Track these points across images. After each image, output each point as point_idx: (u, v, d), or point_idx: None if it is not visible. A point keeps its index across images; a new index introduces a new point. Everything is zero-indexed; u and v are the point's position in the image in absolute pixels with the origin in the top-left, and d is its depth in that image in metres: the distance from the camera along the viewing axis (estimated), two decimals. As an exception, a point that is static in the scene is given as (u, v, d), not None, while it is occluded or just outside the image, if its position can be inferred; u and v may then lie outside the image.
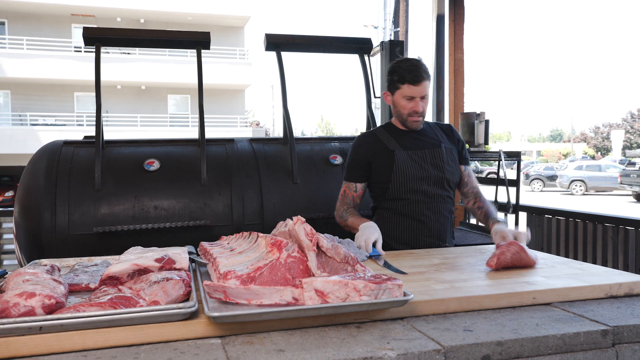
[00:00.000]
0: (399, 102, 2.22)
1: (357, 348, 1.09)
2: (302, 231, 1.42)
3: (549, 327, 1.22)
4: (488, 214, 2.21)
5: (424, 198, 2.24)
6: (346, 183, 2.35)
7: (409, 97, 2.18)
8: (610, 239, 3.28)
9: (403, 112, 2.23)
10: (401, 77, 2.17)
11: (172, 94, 21.34)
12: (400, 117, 2.26)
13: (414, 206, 2.24)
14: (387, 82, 2.27)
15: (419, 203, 2.24)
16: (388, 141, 2.27)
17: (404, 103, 2.20)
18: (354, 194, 2.32)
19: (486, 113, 3.96)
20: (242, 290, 1.24)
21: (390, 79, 2.23)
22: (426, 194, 2.24)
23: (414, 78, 2.14)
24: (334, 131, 53.44)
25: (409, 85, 2.16)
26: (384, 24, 11.15)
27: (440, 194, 2.26)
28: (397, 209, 2.27)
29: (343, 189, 2.35)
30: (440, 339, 1.14)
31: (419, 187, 2.22)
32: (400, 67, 2.18)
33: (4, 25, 19.63)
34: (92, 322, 1.10)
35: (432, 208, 2.26)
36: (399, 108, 2.24)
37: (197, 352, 1.08)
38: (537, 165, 29.95)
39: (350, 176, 2.34)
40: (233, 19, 21.07)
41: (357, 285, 1.22)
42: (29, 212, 2.63)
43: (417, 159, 2.23)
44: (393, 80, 2.21)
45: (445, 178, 2.25)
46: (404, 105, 2.21)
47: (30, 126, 19.26)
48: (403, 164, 2.21)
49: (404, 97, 2.19)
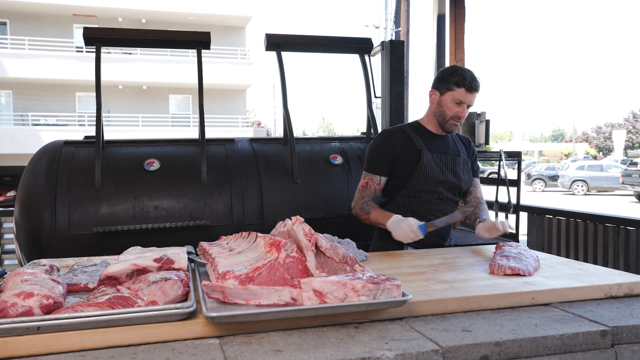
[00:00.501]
0: (447, 103, 2.25)
1: (355, 348, 1.09)
2: (300, 231, 1.42)
3: (547, 328, 1.22)
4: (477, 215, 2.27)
5: (438, 199, 2.31)
6: (369, 175, 2.32)
7: (459, 101, 2.22)
8: (611, 240, 3.27)
9: (448, 113, 2.25)
10: (461, 81, 2.19)
11: (173, 94, 21.35)
12: (442, 117, 2.28)
13: (426, 205, 2.30)
14: (439, 81, 2.28)
15: (432, 203, 2.30)
16: (416, 140, 2.31)
17: (452, 105, 2.24)
18: (376, 187, 2.31)
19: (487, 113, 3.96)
20: (241, 291, 1.24)
21: (446, 79, 2.24)
22: (441, 195, 2.31)
23: (473, 85, 2.20)
24: (335, 131, 53.42)
25: (465, 91, 2.20)
26: (385, 24, 11.14)
27: (451, 198, 2.35)
28: (410, 206, 2.31)
29: (365, 180, 2.32)
30: (439, 340, 1.14)
31: (436, 188, 2.29)
32: (460, 72, 2.22)
33: (6, 25, 19.65)
34: (90, 322, 1.10)
35: (442, 209, 2.33)
36: (444, 109, 2.26)
37: (195, 352, 1.08)
38: (538, 165, 29.91)
39: (375, 168, 2.31)
40: (234, 19, 21.07)
41: (356, 286, 1.22)
42: (29, 212, 2.63)
43: (439, 163, 2.29)
44: (449, 81, 2.22)
45: (459, 186, 2.34)
46: (450, 108, 2.24)
47: (32, 126, 19.28)
48: (428, 164, 2.26)
49: (455, 100, 2.22)
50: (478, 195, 2.42)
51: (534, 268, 1.62)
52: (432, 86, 2.34)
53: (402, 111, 3.73)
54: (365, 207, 2.25)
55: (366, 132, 3.38)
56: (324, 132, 50.55)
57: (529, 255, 1.70)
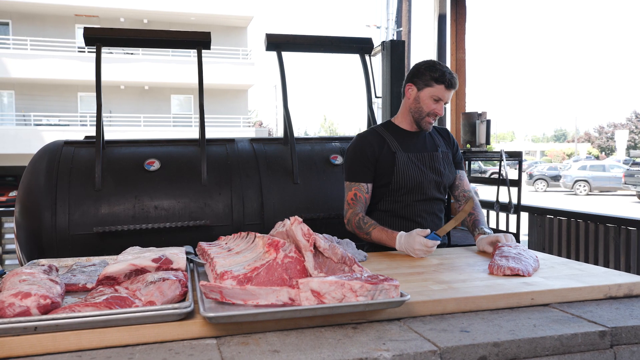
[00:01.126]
0: (424, 99, 2.17)
1: (352, 349, 1.09)
2: (299, 231, 1.42)
3: (546, 328, 1.21)
4: (477, 222, 2.18)
5: (422, 200, 2.24)
6: (355, 185, 2.20)
7: (437, 98, 2.15)
8: (612, 240, 3.27)
9: (424, 109, 2.18)
10: (440, 77, 2.12)
11: (175, 94, 21.38)
12: (419, 114, 2.20)
13: (411, 207, 2.24)
14: (416, 76, 2.19)
15: (416, 205, 2.24)
16: (390, 142, 2.24)
17: (429, 102, 2.17)
18: (365, 196, 2.20)
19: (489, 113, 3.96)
20: (238, 291, 1.24)
21: (424, 74, 2.16)
22: (425, 196, 2.24)
23: (452, 82, 2.14)
24: (337, 131, 53.43)
25: (445, 88, 2.14)
26: (387, 24, 11.12)
27: (436, 196, 2.28)
28: (395, 211, 2.25)
29: (352, 192, 2.20)
30: (437, 340, 1.14)
31: (418, 189, 2.21)
32: (439, 67, 2.15)
33: (8, 25, 19.70)
34: (87, 322, 1.10)
35: (427, 210, 2.27)
36: (422, 105, 2.18)
37: (192, 352, 1.08)
38: (540, 165, 29.87)
39: (358, 176, 2.21)
40: (236, 19, 21.09)
41: (354, 286, 1.22)
42: (30, 212, 2.64)
43: (417, 162, 2.22)
44: (428, 76, 2.15)
45: (443, 182, 2.26)
46: (428, 104, 2.17)
47: (34, 126, 19.32)
48: (404, 166, 2.19)
49: (432, 96, 2.15)
50: (466, 189, 2.33)
51: (533, 268, 1.62)
52: (408, 80, 2.24)
53: (403, 111, 3.72)
54: (363, 226, 2.13)
55: (367, 132, 3.38)
56: (326, 132, 50.58)
57: (528, 255, 1.70)
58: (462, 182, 2.35)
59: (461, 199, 2.33)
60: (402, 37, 10.39)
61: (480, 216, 2.22)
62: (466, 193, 2.33)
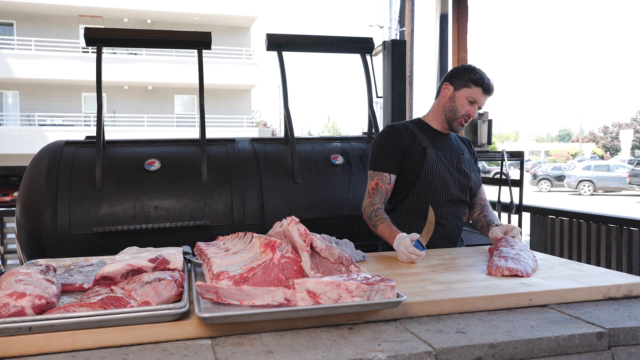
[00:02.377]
0: (460, 99, 2.16)
1: (347, 350, 1.08)
2: (295, 231, 1.41)
3: (543, 329, 1.21)
4: (490, 221, 2.19)
5: (448, 201, 2.20)
6: (378, 174, 2.15)
7: (473, 100, 2.15)
8: (614, 240, 3.25)
9: (460, 110, 2.17)
10: (479, 80, 2.14)
11: (178, 94, 21.41)
12: (453, 114, 2.19)
13: (437, 209, 2.12)
14: (455, 76, 2.19)
15: (443, 206, 2.19)
16: (420, 137, 2.21)
17: (465, 103, 2.16)
18: (387, 187, 2.15)
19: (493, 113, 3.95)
20: (234, 291, 1.24)
21: (464, 75, 2.16)
22: (451, 197, 2.20)
23: (489, 88, 2.15)
24: (341, 131, 53.39)
25: (482, 92, 2.14)
26: (390, 24, 11.10)
27: (461, 198, 2.24)
28: (420, 211, 2.19)
29: (374, 181, 2.15)
30: (432, 341, 1.13)
31: (444, 189, 2.18)
32: (479, 71, 2.17)
33: (13, 26, 19.77)
34: (81, 323, 1.10)
35: (453, 212, 2.23)
36: (457, 105, 2.17)
37: (186, 353, 1.08)
38: (544, 165, 29.77)
39: (383, 165, 2.15)
40: (239, 19, 21.10)
41: (349, 286, 1.21)
42: (30, 211, 2.64)
43: (445, 161, 2.20)
44: (467, 77, 2.15)
45: (469, 185, 2.25)
46: (463, 105, 2.16)
47: (38, 126, 19.38)
48: (433, 163, 2.16)
49: (469, 97, 2.15)
50: (482, 197, 2.34)
51: (532, 269, 1.61)
52: (446, 79, 2.25)
53: (404, 111, 3.72)
54: (374, 217, 2.09)
55: (367, 132, 3.38)
56: (329, 133, 50.56)
57: (527, 256, 1.69)
58: (479, 190, 2.34)
59: (477, 206, 2.31)
60: (405, 37, 10.36)
61: (491, 216, 2.23)
62: (482, 201, 2.32)
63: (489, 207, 2.29)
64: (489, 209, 2.28)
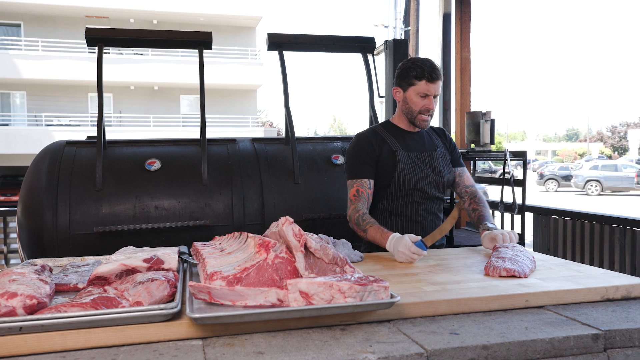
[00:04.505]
0: (411, 98, 2.19)
1: (338, 351, 1.08)
2: (290, 232, 1.41)
3: (538, 331, 1.19)
4: (481, 218, 2.16)
5: (422, 199, 2.24)
6: (357, 181, 2.20)
7: (423, 94, 2.16)
8: (618, 241, 3.22)
9: (415, 108, 2.19)
10: (420, 74, 2.14)
11: (184, 95, 21.47)
12: (411, 114, 2.22)
13: (412, 207, 2.23)
14: (399, 78, 2.22)
15: (417, 204, 2.24)
16: (390, 141, 2.24)
17: (417, 100, 2.17)
18: (368, 191, 2.19)
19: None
20: (227, 291, 1.23)
21: (405, 74, 2.19)
22: (424, 195, 2.23)
23: (432, 75, 2.14)
24: (347, 131, 53.34)
25: (427, 82, 2.14)
26: (395, 23, 11.08)
27: (436, 196, 2.27)
28: (395, 210, 2.25)
29: (355, 188, 2.19)
30: (424, 343, 1.12)
31: (419, 188, 2.21)
32: (417, 64, 2.16)
33: (20, 27, 19.90)
34: (72, 323, 1.09)
35: (428, 209, 2.26)
36: (410, 105, 2.20)
37: (177, 353, 1.07)
38: (551, 165, 29.61)
39: (360, 172, 2.20)
40: (245, 19, 21.13)
41: (342, 287, 1.21)
42: (31, 211, 2.65)
43: (417, 161, 2.22)
44: (408, 75, 2.17)
45: (442, 181, 2.26)
46: (416, 102, 2.18)
47: (46, 127, 19.49)
48: (404, 165, 2.19)
49: (419, 93, 2.16)
50: (466, 184, 2.31)
51: (530, 269, 1.59)
52: (395, 84, 2.27)
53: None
54: (361, 223, 2.10)
55: (369, 131, 3.36)
56: (335, 133, 50.52)
57: (524, 256, 1.67)
58: (462, 178, 2.33)
59: (464, 195, 2.31)
60: (410, 36, 10.32)
61: (485, 211, 2.20)
62: (468, 189, 2.31)
63: (479, 195, 2.25)
64: (478, 198, 2.24)
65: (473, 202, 2.25)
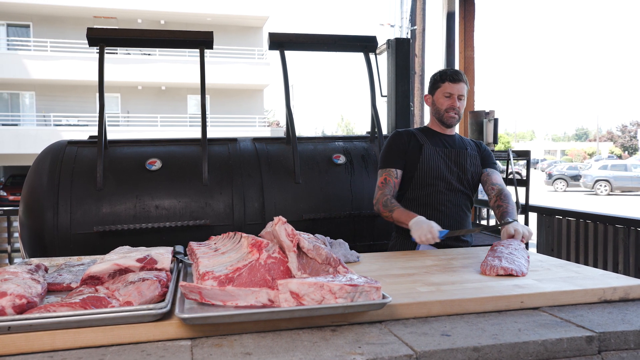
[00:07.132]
0: (438, 99, 2.42)
1: (326, 352, 1.07)
2: (282, 232, 1.40)
3: (531, 333, 1.18)
4: (504, 214, 2.18)
5: (446, 189, 2.38)
6: (386, 170, 2.42)
7: (448, 94, 2.38)
8: (622, 241, 3.18)
9: (441, 108, 2.41)
10: (442, 76, 2.41)
11: (191, 94, 21.52)
12: (438, 113, 2.43)
13: (436, 196, 2.38)
14: (429, 87, 2.49)
15: (441, 194, 2.37)
16: (420, 137, 2.46)
17: (443, 100, 2.40)
18: (395, 180, 2.40)
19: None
20: (217, 292, 1.23)
21: (432, 81, 2.46)
22: (448, 186, 2.38)
23: (454, 77, 2.39)
24: (354, 131, 53.27)
25: (449, 83, 2.38)
26: (401, 23, 11.05)
27: (460, 189, 2.41)
28: (420, 199, 2.39)
29: (383, 177, 2.41)
30: (414, 344, 1.11)
31: (443, 179, 2.37)
32: (442, 70, 2.45)
33: (29, 28, 20.05)
34: (60, 323, 1.09)
35: (452, 200, 2.39)
36: (437, 105, 2.43)
37: (164, 354, 1.07)
38: (560, 164, 29.39)
39: (390, 163, 2.42)
40: (252, 19, 21.16)
41: (333, 288, 1.20)
42: (33, 211, 2.67)
43: (443, 156, 2.41)
44: (435, 80, 2.44)
45: (466, 177, 2.41)
46: (442, 102, 2.40)
47: (54, 127, 19.62)
48: (429, 156, 2.39)
49: (444, 94, 2.39)
50: (494, 182, 2.40)
51: (526, 268, 1.58)
52: (427, 93, 2.55)
53: (408, 110, 3.68)
54: (389, 204, 2.31)
55: (370, 131, 3.35)
56: (342, 132, 50.50)
57: (520, 255, 1.66)
58: (490, 177, 2.44)
59: (490, 192, 2.39)
60: (417, 35, 10.27)
61: (508, 207, 2.22)
62: (495, 186, 2.38)
63: (505, 192, 2.31)
64: (504, 195, 2.29)
65: (498, 199, 2.28)
